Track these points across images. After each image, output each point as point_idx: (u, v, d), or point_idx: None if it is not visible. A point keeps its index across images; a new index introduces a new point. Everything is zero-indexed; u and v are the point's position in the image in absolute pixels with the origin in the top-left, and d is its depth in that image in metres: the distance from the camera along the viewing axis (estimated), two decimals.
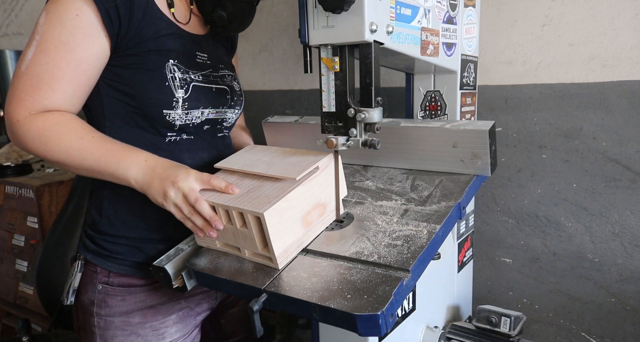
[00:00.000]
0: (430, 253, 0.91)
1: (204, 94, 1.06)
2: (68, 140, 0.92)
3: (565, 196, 1.51)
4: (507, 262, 1.64)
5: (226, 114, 1.15)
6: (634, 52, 1.36)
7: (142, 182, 0.93)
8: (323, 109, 0.94)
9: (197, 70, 1.06)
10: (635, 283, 1.44)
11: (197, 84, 1.05)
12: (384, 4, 0.89)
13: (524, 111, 1.53)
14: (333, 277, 0.84)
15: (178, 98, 1.01)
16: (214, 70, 1.12)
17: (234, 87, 1.17)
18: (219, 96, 1.11)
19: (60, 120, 0.93)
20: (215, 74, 1.12)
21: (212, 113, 1.10)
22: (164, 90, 1.00)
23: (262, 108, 2.13)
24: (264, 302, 0.82)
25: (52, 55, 0.91)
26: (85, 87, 0.97)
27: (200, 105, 1.06)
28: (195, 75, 1.05)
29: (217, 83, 1.11)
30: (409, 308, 1.09)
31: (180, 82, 1.01)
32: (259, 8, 1.20)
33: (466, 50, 1.28)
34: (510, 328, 1.18)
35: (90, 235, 1.09)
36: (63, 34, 0.92)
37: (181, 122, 1.03)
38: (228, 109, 1.15)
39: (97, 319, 1.06)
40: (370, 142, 0.92)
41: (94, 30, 0.93)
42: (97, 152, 0.93)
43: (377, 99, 0.90)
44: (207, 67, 1.10)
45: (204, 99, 1.06)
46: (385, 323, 0.74)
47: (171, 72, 1.01)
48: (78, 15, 0.92)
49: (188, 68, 1.04)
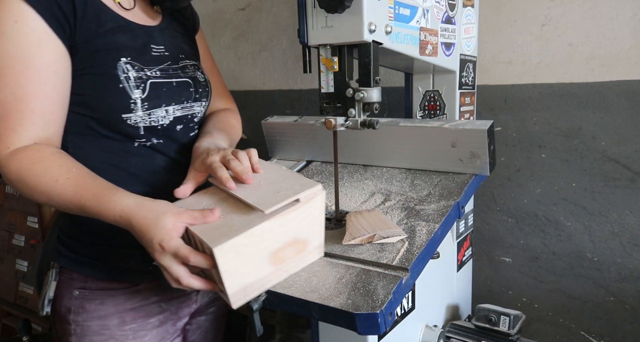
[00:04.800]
0: (429, 252, 0.91)
1: (164, 91, 0.98)
2: (44, 183, 0.85)
3: (564, 195, 1.51)
4: (506, 262, 1.65)
5: (193, 109, 1.06)
6: (632, 52, 1.36)
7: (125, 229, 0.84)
8: (321, 90, 0.94)
9: (153, 65, 0.98)
10: (634, 282, 1.44)
11: (155, 81, 0.97)
12: (382, 4, 0.90)
13: (523, 111, 1.53)
14: (332, 276, 0.84)
15: (135, 99, 0.93)
16: (173, 62, 1.03)
17: (197, 78, 1.07)
18: (182, 90, 1.02)
19: (37, 157, 0.85)
20: (175, 67, 1.03)
21: (178, 109, 1.02)
22: (119, 93, 0.91)
23: (262, 108, 2.13)
24: (263, 302, 0.82)
25: (7, 75, 0.84)
26: (56, 100, 0.88)
27: (162, 103, 0.97)
28: (152, 71, 0.97)
29: (178, 76, 1.03)
30: (408, 307, 1.09)
31: (136, 82, 0.93)
32: (259, 8, 1.20)
33: (465, 50, 1.28)
34: (510, 327, 1.19)
35: (64, 241, 1.03)
36: (10, 48, 0.83)
37: (145, 124, 0.96)
38: (194, 103, 1.06)
39: (73, 327, 1.00)
40: (369, 122, 0.92)
41: (40, 34, 0.85)
42: (73, 198, 0.85)
43: (375, 78, 0.90)
44: (165, 60, 1.01)
45: (165, 95, 0.98)
46: (384, 322, 0.74)
47: (124, 71, 0.92)
48: (17, 21, 0.83)
49: (143, 64, 0.96)
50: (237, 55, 2.16)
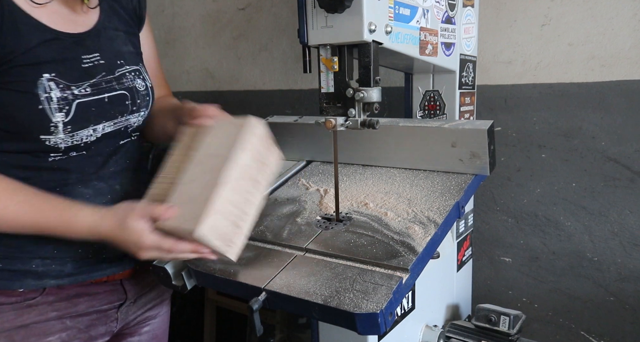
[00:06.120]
0: (429, 252, 0.91)
1: (92, 111, 0.89)
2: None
3: (564, 195, 1.51)
4: (506, 262, 1.65)
5: (129, 121, 0.98)
6: (632, 51, 1.36)
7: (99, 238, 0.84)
8: (321, 90, 0.94)
9: (83, 80, 0.88)
10: (634, 282, 1.44)
11: (83, 101, 0.88)
12: (382, 4, 0.90)
13: (523, 111, 1.53)
14: (332, 276, 0.84)
15: (57, 123, 0.84)
16: (109, 72, 0.94)
17: (136, 88, 0.98)
18: (116, 105, 0.94)
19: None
20: (110, 78, 0.94)
21: (109, 126, 0.93)
22: (37, 115, 0.82)
23: (262, 108, 2.13)
24: (263, 301, 0.82)
25: None
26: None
27: (90, 124, 0.89)
28: (80, 88, 0.87)
29: (113, 89, 0.93)
30: (408, 307, 1.09)
31: (59, 103, 0.84)
32: (258, 8, 1.19)
33: (465, 50, 1.28)
34: (510, 327, 1.19)
35: None
36: None
37: (67, 144, 0.88)
38: (130, 115, 0.98)
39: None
40: (369, 122, 0.92)
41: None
42: (34, 223, 0.82)
43: (375, 78, 0.90)
44: (98, 72, 0.92)
45: (94, 115, 0.90)
46: (384, 322, 0.74)
47: (46, 90, 0.83)
48: None
49: (70, 81, 0.86)
50: (237, 55, 2.16)
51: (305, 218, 1.05)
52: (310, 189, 1.19)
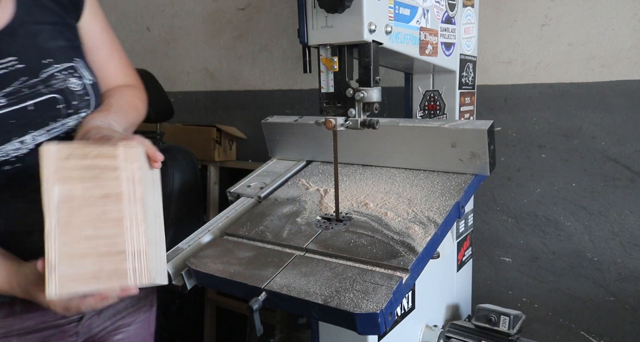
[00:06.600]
0: (429, 252, 0.91)
1: (12, 123, 0.78)
2: None
3: (564, 195, 1.51)
4: (506, 262, 1.65)
5: (68, 126, 0.86)
6: (632, 51, 1.36)
7: None
8: (321, 90, 0.94)
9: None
10: (634, 282, 1.44)
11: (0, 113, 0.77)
12: (382, 4, 0.90)
13: (524, 111, 1.53)
14: (332, 276, 0.84)
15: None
16: (32, 76, 0.82)
17: (69, 89, 0.86)
18: (45, 111, 0.82)
19: None
20: (33, 82, 0.82)
21: (42, 135, 0.82)
22: None
23: (262, 108, 2.13)
24: (263, 301, 0.82)
25: None
26: None
27: (13, 137, 0.78)
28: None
29: (38, 95, 0.82)
30: (408, 307, 1.09)
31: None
32: (258, 8, 1.18)
33: (465, 50, 1.28)
34: (510, 327, 1.19)
35: None
36: None
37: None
38: (67, 119, 0.86)
39: None
40: (369, 122, 0.92)
41: None
42: None
43: (375, 78, 0.90)
44: (15, 77, 0.80)
45: (15, 127, 0.78)
46: (384, 322, 0.74)
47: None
48: None
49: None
50: (237, 55, 2.16)
51: (305, 218, 1.05)
52: (310, 189, 1.19)
